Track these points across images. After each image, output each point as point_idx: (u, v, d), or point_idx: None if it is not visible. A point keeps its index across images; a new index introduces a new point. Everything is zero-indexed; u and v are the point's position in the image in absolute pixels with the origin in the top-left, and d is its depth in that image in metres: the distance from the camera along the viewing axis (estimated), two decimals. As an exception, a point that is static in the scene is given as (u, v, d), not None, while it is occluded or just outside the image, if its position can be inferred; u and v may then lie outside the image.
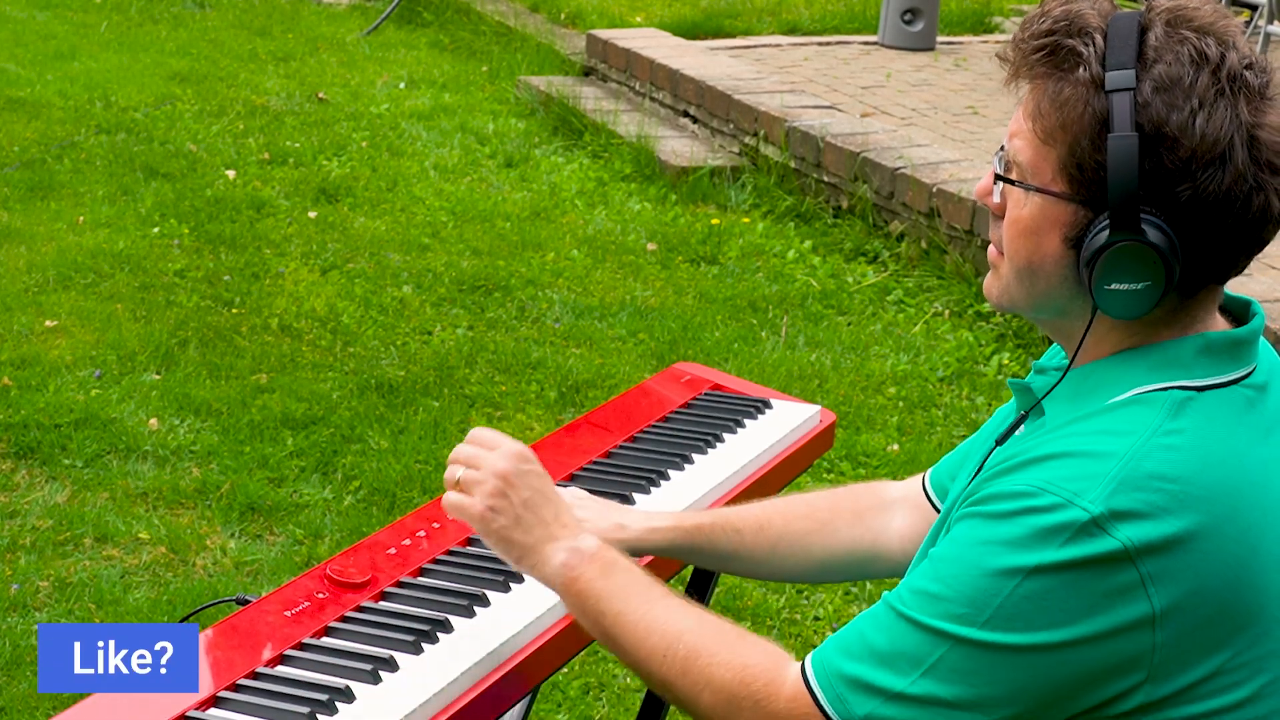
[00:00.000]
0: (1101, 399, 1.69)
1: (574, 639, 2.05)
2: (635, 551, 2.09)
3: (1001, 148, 1.73)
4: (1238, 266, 1.68)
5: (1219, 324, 1.73)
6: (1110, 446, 1.61)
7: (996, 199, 1.74)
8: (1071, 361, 1.74)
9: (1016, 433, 1.79)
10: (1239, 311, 1.77)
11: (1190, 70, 1.61)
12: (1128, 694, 1.60)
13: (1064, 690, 1.60)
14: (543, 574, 1.87)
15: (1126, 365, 1.69)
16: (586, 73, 8.79)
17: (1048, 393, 1.75)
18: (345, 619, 1.99)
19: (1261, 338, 1.77)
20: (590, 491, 2.38)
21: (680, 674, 1.74)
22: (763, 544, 2.15)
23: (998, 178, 1.73)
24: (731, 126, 7.49)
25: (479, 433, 1.99)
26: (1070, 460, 1.62)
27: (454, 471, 1.93)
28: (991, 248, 1.77)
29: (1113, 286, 1.63)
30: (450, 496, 1.92)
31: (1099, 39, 1.63)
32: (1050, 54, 1.66)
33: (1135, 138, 1.60)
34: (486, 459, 1.93)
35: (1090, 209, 1.65)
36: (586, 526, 2.01)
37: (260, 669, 1.88)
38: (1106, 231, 1.63)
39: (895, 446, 4.89)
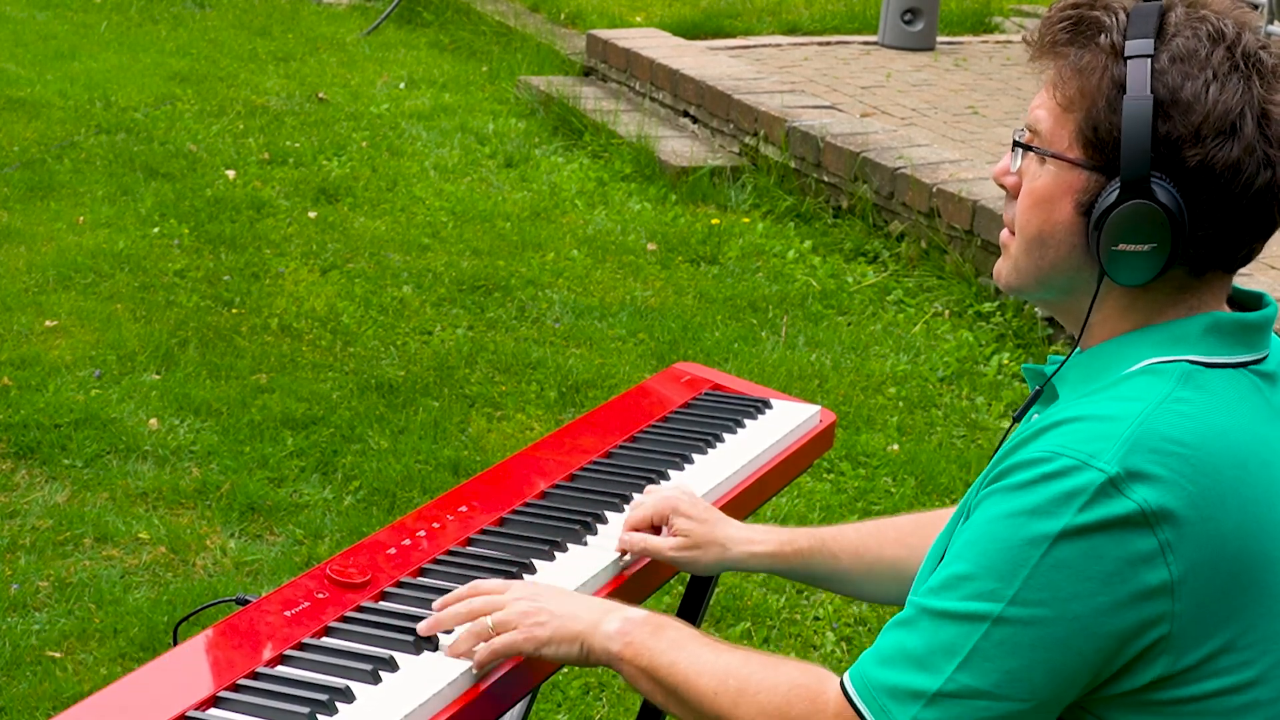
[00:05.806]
0: (1112, 374, 1.72)
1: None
2: (734, 569, 2.28)
3: (1024, 128, 1.78)
4: (1247, 251, 1.72)
5: (1227, 311, 1.75)
6: (1122, 410, 1.64)
7: (1014, 176, 1.78)
8: (1079, 339, 1.77)
9: (1033, 419, 1.80)
10: (1250, 303, 1.80)
11: (1207, 44, 1.67)
12: (1150, 664, 1.62)
13: (1094, 662, 1.61)
14: (602, 644, 1.90)
15: (1135, 342, 1.73)
16: (586, 73, 8.79)
17: (1059, 368, 1.79)
18: (345, 619, 1.99)
19: (1274, 332, 1.78)
20: (591, 492, 2.38)
21: (732, 706, 1.78)
22: (858, 568, 2.24)
23: (1016, 144, 1.77)
24: (731, 126, 7.49)
25: (477, 584, 2.01)
26: (1083, 424, 1.65)
27: (482, 623, 1.94)
28: (1004, 230, 1.81)
29: (1120, 247, 1.67)
30: (494, 643, 1.93)
31: (1122, 15, 1.71)
32: (1074, 24, 1.73)
33: (1150, 100, 1.65)
34: (499, 597, 1.96)
35: (1104, 174, 1.69)
36: (694, 535, 2.19)
37: (260, 669, 1.87)
38: (1117, 193, 1.67)
39: (895, 446, 4.89)
